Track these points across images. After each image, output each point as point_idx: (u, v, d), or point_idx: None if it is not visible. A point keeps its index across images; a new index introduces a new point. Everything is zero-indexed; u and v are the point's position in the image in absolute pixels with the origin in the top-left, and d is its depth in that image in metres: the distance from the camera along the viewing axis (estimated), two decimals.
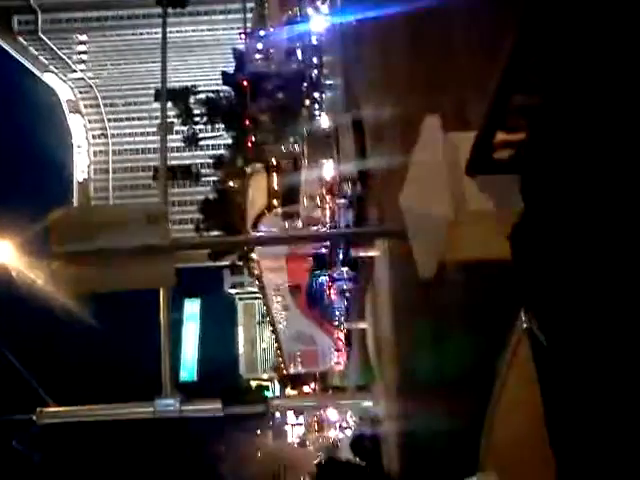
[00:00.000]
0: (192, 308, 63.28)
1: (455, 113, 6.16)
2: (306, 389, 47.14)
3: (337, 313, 31.79)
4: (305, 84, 38.61)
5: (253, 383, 72.00)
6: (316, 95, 38.20)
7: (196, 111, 54.48)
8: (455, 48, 7.05)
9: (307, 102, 38.11)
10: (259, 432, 54.06)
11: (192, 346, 59.24)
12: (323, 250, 26.14)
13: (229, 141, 54.61)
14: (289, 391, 51.16)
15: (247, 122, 42.72)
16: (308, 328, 32.22)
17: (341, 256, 23.94)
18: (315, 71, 38.35)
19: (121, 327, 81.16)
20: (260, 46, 45.67)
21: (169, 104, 43.91)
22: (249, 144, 41.16)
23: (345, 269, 24.78)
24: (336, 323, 31.99)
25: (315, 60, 38.22)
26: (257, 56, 44.97)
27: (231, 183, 43.17)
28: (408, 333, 12.22)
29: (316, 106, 37.74)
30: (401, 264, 11.40)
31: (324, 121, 32.24)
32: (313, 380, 47.13)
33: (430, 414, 9.46)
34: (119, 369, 79.52)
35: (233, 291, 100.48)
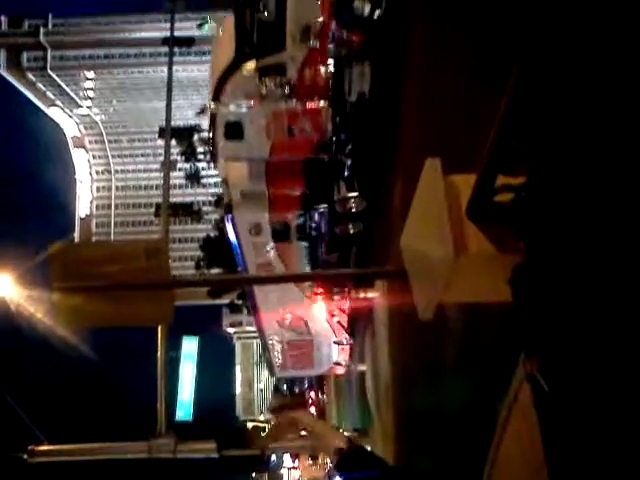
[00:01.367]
0: (190, 347, 62.77)
1: (456, 155, 6.22)
2: (303, 432, 46.40)
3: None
4: None
5: (250, 424, 71.08)
6: None
7: (199, 149, 55.09)
8: (458, 92, 7.16)
9: None
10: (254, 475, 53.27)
11: (189, 385, 58.62)
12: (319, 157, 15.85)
13: None
14: None
15: None
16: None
17: (346, 172, 14.80)
18: None
19: (117, 364, 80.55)
20: None
21: (173, 141, 44.42)
22: None
23: (353, 195, 15.13)
24: (336, 297, 21.16)
25: None
26: None
27: None
28: (406, 375, 12.11)
29: None
30: (400, 305, 11.36)
31: None
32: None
33: (428, 458, 9.30)
34: (114, 407, 78.57)
35: (231, 330, 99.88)
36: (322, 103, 14.19)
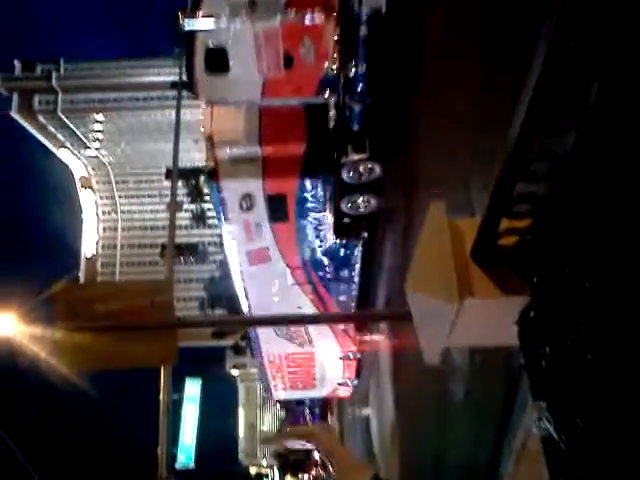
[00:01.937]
0: (193, 389, 62.20)
1: (460, 199, 6.23)
2: (306, 477, 45.57)
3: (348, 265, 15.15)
4: None
5: (252, 469, 69.82)
6: None
7: (205, 190, 55.66)
8: (460, 135, 7.21)
9: None
10: None
11: (191, 428, 57.84)
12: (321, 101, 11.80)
13: None
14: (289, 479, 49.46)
15: None
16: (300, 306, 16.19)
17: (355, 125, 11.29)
18: None
19: (118, 405, 79.67)
20: None
21: (179, 182, 44.82)
22: None
23: (362, 156, 11.92)
24: (343, 296, 16.11)
25: None
26: None
27: None
28: (412, 420, 11.91)
29: None
30: (405, 348, 11.25)
31: None
32: (314, 466, 45.59)
33: None
34: (114, 449, 77.43)
35: (235, 372, 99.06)
36: (327, 19, 10.58)
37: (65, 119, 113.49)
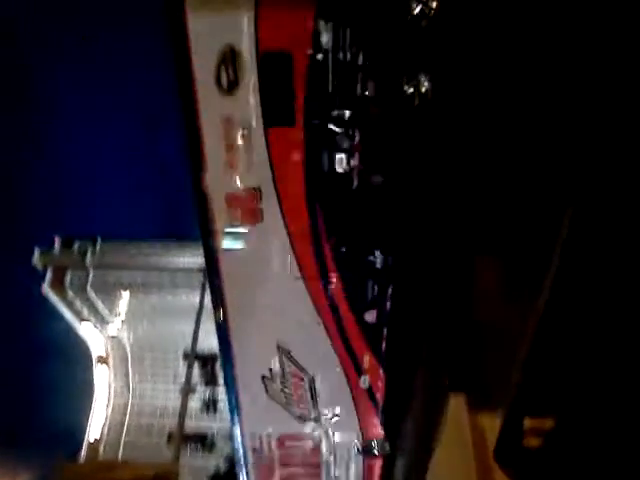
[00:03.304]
0: None
1: (481, 396, 6.07)
2: None
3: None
4: None
5: None
6: None
7: (220, 377, 55.15)
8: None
9: None
10: None
11: None
12: None
13: None
14: None
15: None
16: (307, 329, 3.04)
17: None
18: None
19: None
20: None
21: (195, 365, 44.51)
22: None
23: None
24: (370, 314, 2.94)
25: None
26: None
27: None
28: None
29: None
30: None
31: None
32: None
33: None
34: None
35: None
36: None
37: (93, 295, 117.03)
